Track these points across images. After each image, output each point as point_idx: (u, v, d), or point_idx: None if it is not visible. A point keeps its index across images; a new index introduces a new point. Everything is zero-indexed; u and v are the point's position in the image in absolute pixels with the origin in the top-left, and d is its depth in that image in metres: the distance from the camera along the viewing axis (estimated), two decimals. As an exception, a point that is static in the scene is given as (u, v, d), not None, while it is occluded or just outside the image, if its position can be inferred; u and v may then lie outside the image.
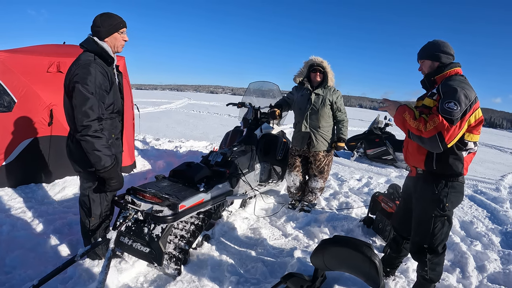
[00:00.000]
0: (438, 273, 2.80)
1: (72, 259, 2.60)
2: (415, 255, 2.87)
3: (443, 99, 2.43)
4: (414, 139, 2.55)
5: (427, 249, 2.73)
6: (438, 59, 2.69)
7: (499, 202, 6.34)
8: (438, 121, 2.38)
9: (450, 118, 2.36)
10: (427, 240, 2.71)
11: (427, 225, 2.69)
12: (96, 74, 2.60)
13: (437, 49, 2.70)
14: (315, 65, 4.55)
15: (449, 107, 2.37)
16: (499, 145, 21.74)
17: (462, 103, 2.37)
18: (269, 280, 3.13)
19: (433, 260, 2.73)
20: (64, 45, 5.79)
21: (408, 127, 2.56)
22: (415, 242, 2.83)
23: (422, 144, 2.50)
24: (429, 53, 2.74)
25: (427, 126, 2.43)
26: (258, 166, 4.82)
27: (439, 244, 2.72)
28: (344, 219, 4.56)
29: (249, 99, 5.80)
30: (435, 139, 2.39)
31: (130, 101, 5.86)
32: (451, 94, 2.41)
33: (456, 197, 2.65)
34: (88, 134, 2.54)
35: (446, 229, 2.70)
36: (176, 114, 20.64)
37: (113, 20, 2.77)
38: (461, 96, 2.39)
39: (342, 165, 8.76)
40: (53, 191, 4.68)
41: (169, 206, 2.91)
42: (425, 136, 2.43)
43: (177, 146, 8.66)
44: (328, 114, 4.60)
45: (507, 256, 3.97)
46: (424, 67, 2.80)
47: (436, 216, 2.64)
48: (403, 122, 2.59)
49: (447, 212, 2.63)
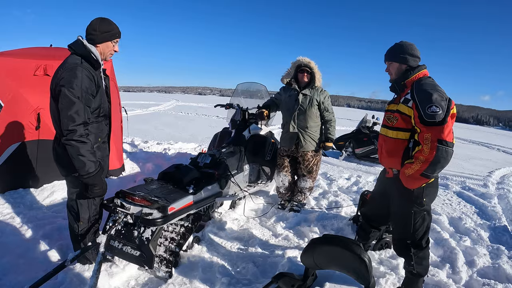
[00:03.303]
0: (424, 267, 2.87)
1: (62, 264, 2.59)
2: (400, 251, 2.96)
3: (422, 106, 2.49)
4: (438, 168, 2.51)
5: (410, 244, 2.81)
6: (406, 61, 2.77)
7: (487, 198, 6.44)
8: (429, 135, 2.45)
9: (437, 121, 2.43)
10: (409, 235, 2.80)
11: (408, 222, 2.77)
12: (83, 78, 2.57)
13: (405, 51, 2.77)
14: (303, 65, 4.58)
15: (433, 111, 2.43)
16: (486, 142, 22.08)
17: (440, 102, 2.45)
18: (260, 281, 3.14)
19: (418, 254, 2.81)
20: (51, 48, 5.72)
21: (421, 170, 2.52)
22: (398, 239, 2.93)
23: (446, 163, 2.49)
24: (396, 56, 2.81)
25: (424, 150, 2.47)
26: (247, 167, 4.84)
27: (422, 238, 2.81)
28: (334, 218, 4.57)
29: (237, 100, 5.80)
30: (440, 148, 2.42)
31: (118, 104, 5.81)
32: (428, 99, 2.48)
33: (432, 191, 2.75)
34: (73, 139, 2.52)
35: (427, 223, 2.79)
36: (164, 116, 20.58)
37: (111, 29, 2.77)
38: (437, 98, 2.47)
39: (331, 164, 8.82)
40: (42, 196, 4.63)
41: (158, 208, 2.91)
42: (433, 157, 2.44)
43: (166, 148, 8.62)
44: (316, 114, 4.63)
45: (496, 250, 4.05)
46: (391, 69, 2.87)
47: (416, 212, 2.72)
48: (417, 176, 2.56)
49: (426, 206, 2.73)
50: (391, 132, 2.81)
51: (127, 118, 6.70)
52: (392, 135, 2.80)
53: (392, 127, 2.80)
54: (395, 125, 2.77)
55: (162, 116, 20.45)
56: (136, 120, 15.69)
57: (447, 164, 2.51)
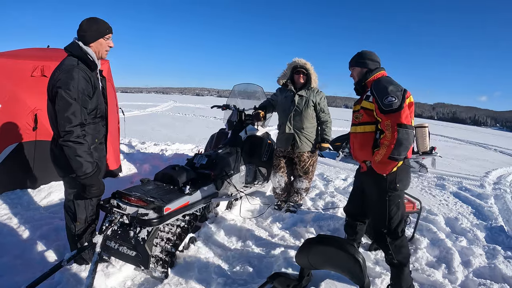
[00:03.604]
0: (404, 255, 2.99)
1: (59, 264, 2.60)
2: (377, 241, 3.15)
3: (379, 98, 2.78)
4: (403, 150, 2.71)
5: (386, 233, 2.96)
6: (366, 65, 3.09)
7: (484, 198, 6.50)
8: (389, 121, 2.72)
9: (394, 108, 2.69)
10: (385, 224, 2.96)
11: (383, 210, 2.95)
12: (79, 79, 2.59)
13: (365, 57, 3.11)
14: (298, 67, 4.60)
15: (389, 100, 2.71)
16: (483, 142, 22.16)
17: (396, 92, 2.72)
18: (256, 281, 3.15)
19: (394, 242, 2.96)
20: (48, 49, 5.72)
21: (388, 154, 2.74)
22: (375, 229, 3.10)
23: (409, 144, 2.71)
24: (358, 61, 3.15)
25: (387, 135, 2.74)
26: (243, 168, 4.85)
27: (397, 227, 2.97)
28: (330, 218, 4.59)
29: (234, 101, 5.81)
30: (401, 130, 2.66)
31: (115, 105, 5.82)
32: (383, 92, 2.76)
33: (405, 178, 2.94)
34: (70, 140, 2.53)
35: (401, 212, 2.97)
36: (162, 117, 20.57)
37: (100, 26, 2.76)
38: (393, 89, 2.74)
39: (327, 165, 8.84)
40: (39, 197, 4.64)
41: (154, 209, 2.92)
42: (395, 139, 2.67)
43: (163, 149, 8.62)
44: (312, 115, 4.65)
45: (492, 250, 4.08)
46: (354, 73, 3.21)
47: (390, 199, 2.91)
48: (385, 160, 2.77)
49: (399, 192, 2.92)
50: (359, 128, 3.10)
51: (124, 119, 6.72)
52: (360, 130, 3.09)
53: (359, 123, 3.10)
54: (361, 120, 3.06)
55: (159, 117, 20.43)
56: (133, 121, 15.66)
57: (410, 145, 2.74)
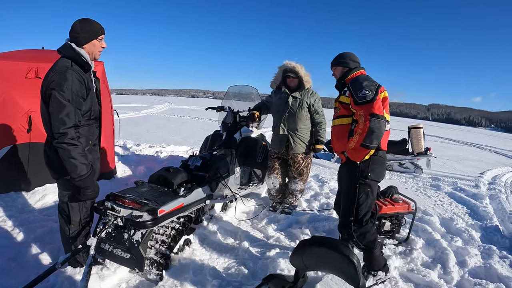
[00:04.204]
0: (369, 240, 3.16)
1: (53, 267, 2.58)
2: (341, 228, 3.29)
3: (354, 92, 3.01)
4: (374, 138, 2.92)
5: (353, 221, 3.15)
6: (347, 65, 3.32)
7: (479, 198, 6.54)
8: (362, 111, 2.94)
9: (368, 100, 2.91)
10: (352, 211, 3.14)
11: (353, 197, 3.13)
12: (73, 80, 2.58)
13: (346, 57, 3.34)
14: (288, 70, 4.62)
15: (363, 93, 2.94)
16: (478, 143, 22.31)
17: (370, 86, 2.96)
18: (251, 283, 3.15)
19: (358, 230, 3.14)
20: (42, 50, 5.68)
21: (360, 141, 2.95)
22: (343, 215, 3.24)
23: (380, 133, 2.92)
24: (339, 61, 3.37)
25: (360, 124, 2.95)
26: (238, 170, 4.85)
27: (364, 215, 3.15)
28: (326, 219, 4.60)
29: (229, 102, 5.81)
30: (373, 120, 2.87)
31: (109, 107, 5.80)
32: (358, 86, 3.00)
33: (378, 169, 3.13)
34: (65, 142, 2.52)
35: (370, 201, 3.16)
36: (157, 119, 20.54)
37: (92, 27, 2.75)
38: (366, 83, 2.98)
39: (322, 166, 8.85)
40: (33, 199, 4.61)
41: (148, 211, 2.91)
42: (367, 128, 2.89)
43: (158, 151, 8.62)
44: (306, 117, 4.66)
45: (487, 250, 4.11)
46: (336, 72, 3.42)
47: (360, 186, 3.09)
48: (358, 147, 2.98)
49: (370, 181, 3.10)
50: (337, 121, 3.33)
51: (119, 121, 6.69)
52: (338, 122, 3.33)
53: (337, 117, 3.33)
54: (339, 114, 3.29)
55: (154, 119, 20.40)
56: (128, 123, 15.64)
57: (381, 134, 2.94)
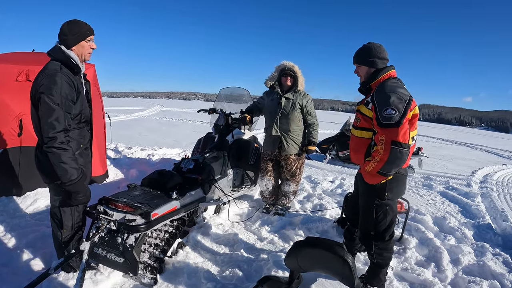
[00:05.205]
0: (385, 258, 2.99)
1: (46, 272, 2.55)
2: (362, 240, 3.12)
3: (379, 108, 2.60)
4: (394, 168, 2.63)
5: (374, 235, 2.93)
6: (375, 65, 2.84)
7: (471, 197, 6.61)
8: (384, 136, 2.57)
9: (393, 123, 2.53)
10: (372, 227, 2.92)
11: (370, 214, 2.90)
12: (62, 84, 2.54)
13: (373, 55, 2.83)
14: (286, 69, 4.62)
15: (389, 113, 2.54)
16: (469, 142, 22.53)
17: (398, 104, 2.54)
18: (246, 285, 3.14)
19: (379, 245, 2.94)
20: (33, 53, 5.60)
21: (377, 169, 2.66)
22: (363, 229, 3.05)
23: (401, 162, 2.60)
24: (365, 59, 2.88)
25: (379, 151, 2.60)
26: (230, 172, 4.84)
27: (385, 231, 2.92)
28: (319, 220, 4.62)
29: (220, 105, 5.80)
30: (394, 149, 2.53)
31: (101, 110, 5.75)
32: (386, 102, 2.57)
33: (396, 187, 2.82)
34: (54, 146, 2.49)
35: (390, 218, 2.91)
36: (148, 121, 20.45)
37: (81, 28, 2.71)
38: (395, 100, 2.55)
39: (315, 167, 8.87)
40: (25, 204, 4.54)
41: (141, 214, 2.89)
42: (387, 158, 2.56)
43: (150, 154, 8.56)
44: (298, 118, 4.66)
45: (480, 248, 4.15)
46: (360, 71, 2.96)
47: (377, 206, 2.83)
48: (374, 173, 2.70)
49: (387, 201, 2.82)
50: (356, 132, 2.94)
51: (110, 124, 6.66)
52: (357, 134, 2.94)
53: (357, 127, 2.93)
54: (359, 125, 2.89)
55: (146, 121, 20.31)
56: (120, 126, 15.54)
57: (403, 163, 2.62)
